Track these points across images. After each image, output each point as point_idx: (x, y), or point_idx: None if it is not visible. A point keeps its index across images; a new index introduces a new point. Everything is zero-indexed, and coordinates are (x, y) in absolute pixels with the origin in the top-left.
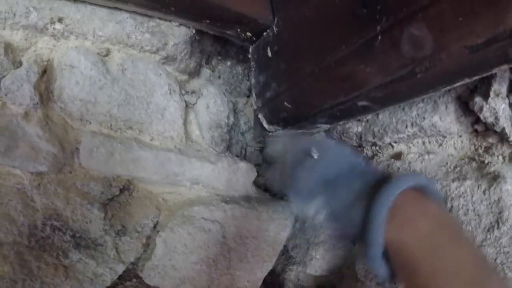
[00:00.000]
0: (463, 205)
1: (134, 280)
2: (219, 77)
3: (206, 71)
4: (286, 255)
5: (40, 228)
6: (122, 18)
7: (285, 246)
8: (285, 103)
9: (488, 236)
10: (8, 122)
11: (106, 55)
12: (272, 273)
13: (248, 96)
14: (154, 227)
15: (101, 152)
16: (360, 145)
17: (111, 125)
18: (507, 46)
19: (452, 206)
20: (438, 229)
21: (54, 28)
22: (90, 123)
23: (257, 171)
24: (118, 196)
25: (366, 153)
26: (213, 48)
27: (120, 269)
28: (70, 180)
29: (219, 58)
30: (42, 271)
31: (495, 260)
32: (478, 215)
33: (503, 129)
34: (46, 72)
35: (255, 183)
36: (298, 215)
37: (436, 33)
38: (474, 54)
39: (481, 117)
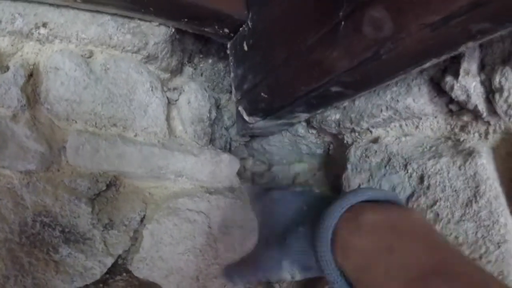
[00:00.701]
0: (439, 182)
1: (125, 274)
2: (201, 74)
3: (188, 69)
4: None
5: (30, 225)
6: (104, 20)
7: None
8: (262, 93)
9: (467, 211)
10: None
11: (90, 56)
12: None
13: (231, 92)
14: (141, 220)
15: (87, 149)
16: (339, 133)
17: (96, 123)
18: (468, 21)
19: (429, 184)
20: (376, 241)
21: (39, 33)
22: (76, 122)
23: (244, 165)
24: (105, 191)
25: (347, 141)
26: (195, 47)
27: (109, 261)
28: (58, 178)
29: (201, 56)
30: (33, 266)
31: (475, 234)
32: (455, 190)
33: (476, 106)
34: (32, 76)
35: (240, 175)
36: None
37: (394, 14)
38: (435, 32)
39: (453, 95)
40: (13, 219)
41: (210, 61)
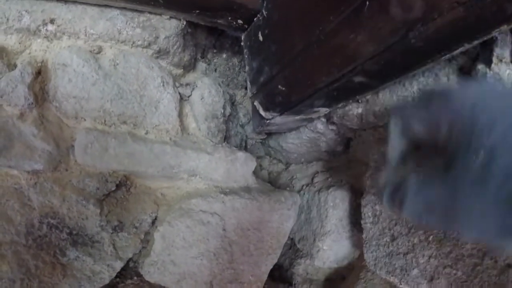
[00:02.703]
0: None
1: (135, 278)
2: (215, 70)
3: (201, 65)
4: (293, 249)
5: (37, 227)
6: (112, 15)
7: (292, 239)
8: (279, 86)
9: None
10: (4, 123)
11: (99, 52)
12: (279, 267)
13: (246, 88)
14: (153, 222)
15: (96, 147)
16: (361, 128)
17: (105, 121)
18: (503, 0)
19: None
20: None
21: (46, 30)
22: (85, 120)
23: (260, 164)
24: (114, 192)
25: (369, 138)
26: (208, 41)
27: (118, 265)
28: (66, 178)
29: (215, 51)
30: (40, 270)
31: None
32: None
33: None
34: (40, 73)
35: (257, 174)
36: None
37: None
38: (469, 12)
39: None
40: (20, 221)
41: (224, 56)
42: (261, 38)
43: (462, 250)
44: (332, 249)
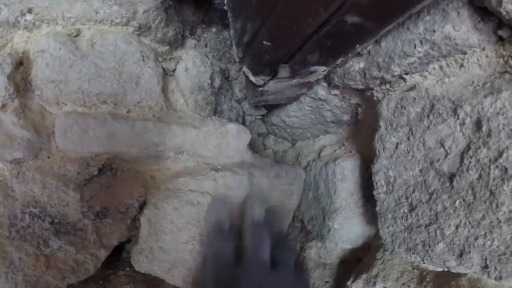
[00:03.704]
0: (504, 124)
1: (128, 269)
2: (206, 45)
3: (191, 42)
4: (304, 231)
5: (19, 218)
6: None
7: (301, 221)
8: (264, 41)
9: None
10: None
11: (77, 35)
12: None
13: None
14: (141, 207)
15: (75, 130)
16: (367, 88)
17: (84, 102)
18: None
19: (489, 130)
20: None
21: (25, 20)
22: (66, 104)
23: (265, 143)
24: (98, 176)
25: (377, 97)
26: (196, 17)
27: (102, 254)
28: (48, 165)
29: (204, 26)
30: (23, 262)
31: None
32: None
33: None
34: (22, 64)
35: (261, 154)
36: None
37: None
38: None
39: (503, 12)
40: (3, 212)
41: (214, 29)
42: None
43: (498, 215)
44: (344, 228)
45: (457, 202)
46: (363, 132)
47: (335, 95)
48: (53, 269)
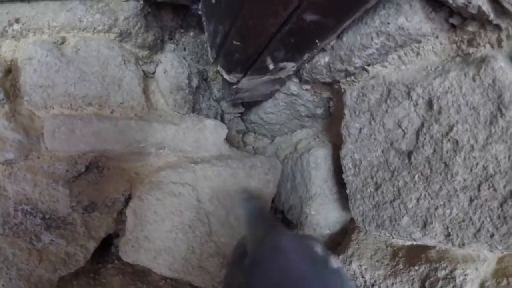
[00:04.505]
0: (452, 102)
1: (117, 262)
2: (184, 49)
3: (170, 46)
4: (284, 222)
5: (12, 215)
6: (72, 5)
7: (282, 212)
8: (234, 41)
9: (493, 130)
10: None
11: (62, 43)
12: None
13: None
14: (126, 201)
15: (63, 131)
16: (334, 81)
17: (71, 105)
18: None
19: (440, 108)
20: None
21: (13, 29)
22: (53, 108)
23: (244, 141)
24: (86, 174)
25: (344, 89)
26: (174, 23)
27: (91, 246)
28: (38, 165)
29: (182, 31)
30: (17, 257)
31: (509, 158)
32: (473, 107)
33: (479, 8)
34: (11, 71)
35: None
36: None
37: None
38: None
39: (450, 1)
40: None
41: (191, 33)
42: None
43: (453, 184)
44: (320, 214)
45: (416, 176)
46: (335, 123)
47: (306, 90)
48: (45, 262)
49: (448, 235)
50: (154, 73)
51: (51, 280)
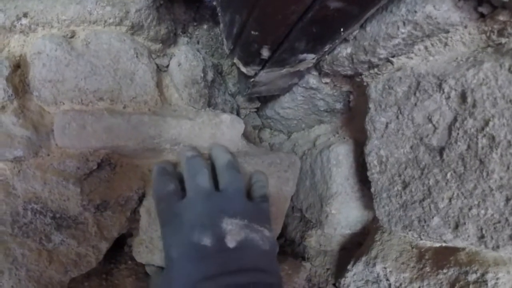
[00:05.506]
0: (488, 94)
1: (130, 262)
2: (198, 42)
3: (183, 39)
4: (303, 220)
5: (22, 214)
6: None
7: (300, 210)
8: (252, 31)
9: None
10: None
11: (72, 36)
12: (291, 243)
13: None
14: (140, 199)
15: (73, 127)
16: (356, 73)
17: (81, 100)
18: None
19: (474, 101)
20: None
21: (21, 24)
22: (63, 103)
23: (260, 137)
24: (97, 171)
25: (367, 82)
26: (187, 16)
27: (103, 246)
28: (48, 162)
29: (195, 24)
30: (26, 258)
31: None
32: (510, 101)
33: None
34: (20, 67)
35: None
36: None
37: None
38: None
39: None
40: (5, 210)
41: (205, 26)
42: None
43: (489, 183)
44: (341, 213)
45: (449, 174)
46: (356, 118)
47: (326, 83)
48: (55, 263)
49: (482, 237)
50: (167, 66)
51: (62, 281)
